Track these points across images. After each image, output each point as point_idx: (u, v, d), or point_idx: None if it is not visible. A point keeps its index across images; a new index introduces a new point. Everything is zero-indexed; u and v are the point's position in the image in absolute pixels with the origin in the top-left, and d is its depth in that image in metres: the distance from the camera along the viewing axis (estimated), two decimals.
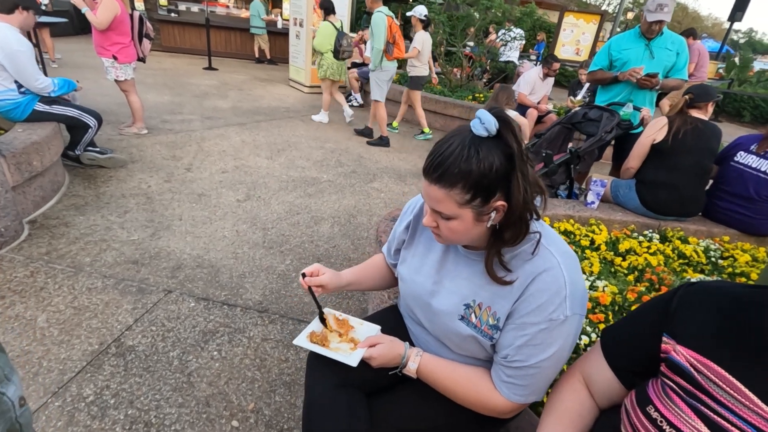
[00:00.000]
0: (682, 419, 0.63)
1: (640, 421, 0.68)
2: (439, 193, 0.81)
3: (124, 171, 3.43)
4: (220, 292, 2.18)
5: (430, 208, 0.87)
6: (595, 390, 0.83)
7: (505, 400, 0.90)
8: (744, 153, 2.50)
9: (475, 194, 0.79)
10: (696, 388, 0.64)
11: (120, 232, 2.59)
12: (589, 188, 2.62)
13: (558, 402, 0.85)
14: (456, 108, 6.10)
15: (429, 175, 0.82)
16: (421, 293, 1.02)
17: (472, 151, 0.77)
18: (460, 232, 0.85)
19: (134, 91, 4.11)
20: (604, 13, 7.35)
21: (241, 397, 1.61)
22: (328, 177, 3.90)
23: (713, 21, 42.85)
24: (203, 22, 8.88)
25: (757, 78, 12.85)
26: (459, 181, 0.78)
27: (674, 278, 2.02)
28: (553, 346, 0.83)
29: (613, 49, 3.13)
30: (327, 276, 1.13)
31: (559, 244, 0.89)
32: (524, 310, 0.85)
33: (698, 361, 0.65)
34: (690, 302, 0.71)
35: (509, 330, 0.87)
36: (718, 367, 0.63)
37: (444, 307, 0.96)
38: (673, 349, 0.69)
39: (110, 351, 1.74)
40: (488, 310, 0.90)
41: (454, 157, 0.78)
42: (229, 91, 7.00)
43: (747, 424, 0.59)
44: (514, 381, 0.88)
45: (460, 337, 0.95)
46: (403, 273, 1.09)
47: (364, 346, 1.01)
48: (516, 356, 0.86)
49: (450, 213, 0.82)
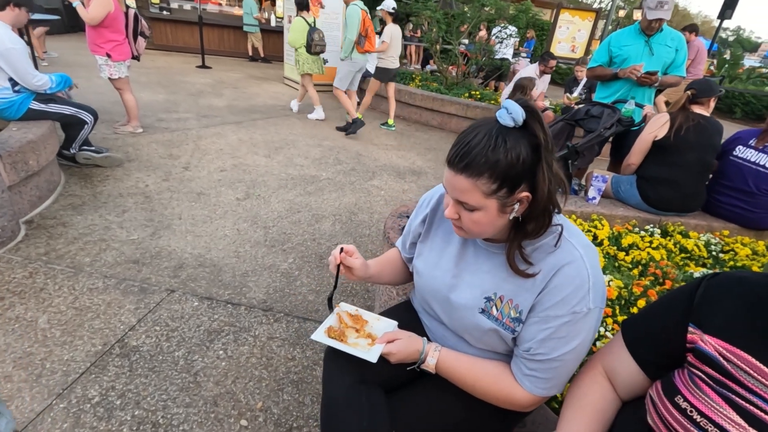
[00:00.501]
0: (713, 408, 0.63)
1: (669, 412, 0.68)
2: (465, 183, 0.79)
3: (120, 170, 3.39)
4: (224, 291, 2.16)
5: (453, 199, 0.85)
6: (618, 382, 0.83)
7: (526, 393, 0.89)
8: (743, 147, 2.52)
9: (501, 185, 0.78)
10: (725, 377, 0.64)
11: (119, 231, 2.56)
12: (590, 184, 2.62)
13: (580, 395, 0.84)
14: (453, 105, 6.10)
15: (455, 165, 0.80)
16: (439, 287, 1.01)
17: (499, 140, 0.76)
18: (483, 224, 0.84)
19: (129, 89, 4.05)
20: (599, 10, 7.39)
21: (249, 396, 1.59)
22: (327, 175, 3.88)
23: (703, 19, 43.34)
24: (196, 19, 8.81)
25: (747, 75, 13.02)
26: (486, 171, 0.77)
27: (678, 272, 2.03)
28: (576, 339, 0.83)
29: (613, 45, 3.14)
30: (359, 261, 1.10)
31: (580, 236, 0.88)
32: (548, 303, 0.84)
33: (727, 350, 0.65)
34: (715, 292, 0.70)
35: (532, 323, 0.87)
36: (748, 356, 0.63)
37: (464, 300, 0.95)
38: (701, 339, 0.69)
39: (114, 351, 1.72)
40: (510, 303, 0.90)
41: (481, 147, 0.76)
42: (224, 89, 6.94)
43: None
44: (537, 374, 0.87)
45: (480, 330, 0.94)
46: (420, 267, 1.08)
47: (382, 341, 1.00)
48: (539, 349, 0.85)
49: (475, 204, 0.81)
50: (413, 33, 12.16)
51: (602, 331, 1.53)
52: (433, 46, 7.12)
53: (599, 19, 7.63)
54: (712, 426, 0.62)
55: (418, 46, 12.03)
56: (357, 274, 1.11)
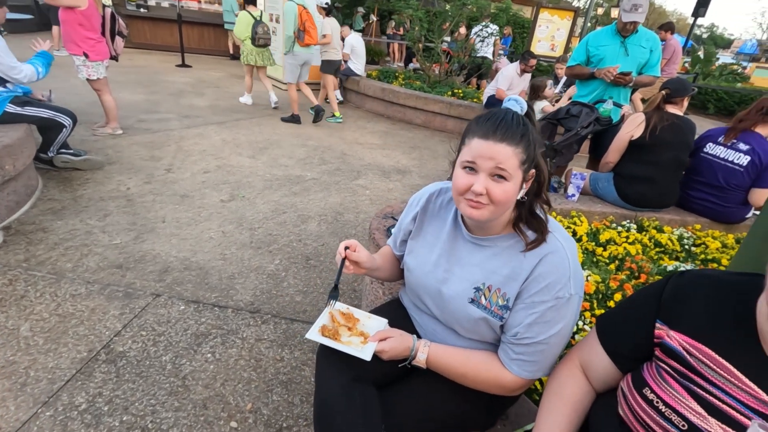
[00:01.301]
0: (677, 399, 0.68)
1: (637, 403, 0.73)
2: (507, 150, 0.86)
3: (101, 173, 3.33)
4: (210, 294, 2.16)
5: (486, 172, 0.88)
6: (592, 375, 0.87)
7: (514, 377, 0.95)
8: (713, 144, 2.63)
9: (527, 157, 0.88)
10: (689, 370, 0.69)
11: (101, 236, 2.52)
12: (570, 181, 2.70)
13: (558, 387, 0.89)
14: (436, 104, 6.15)
15: (494, 135, 0.87)
16: (431, 282, 1.06)
17: (523, 119, 0.90)
18: (510, 195, 0.89)
19: (107, 90, 3.98)
20: (578, 9, 7.53)
21: (239, 398, 1.61)
22: (312, 175, 3.89)
23: (678, 17, 44.42)
24: (175, 17, 8.65)
25: (720, 71, 13.43)
26: (522, 140, 0.87)
27: (652, 266, 2.11)
28: (560, 323, 0.90)
29: (590, 44, 3.23)
30: (364, 254, 1.13)
31: (561, 230, 0.97)
32: (533, 289, 0.91)
33: (691, 345, 0.70)
34: (682, 290, 0.76)
35: (519, 309, 0.93)
36: (710, 350, 0.68)
37: (455, 292, 1.01)
38: (667, 335, 0.74)
39: (100, 358, 1.71)
40: (498, 292, 0.96)
41: (516, 121, 0.88)
42: (205, 88, 6.85)
43: (737, 402, 0.64)
44: (524, 357, 0.93)
45: (471, 320, 0.99)
46: (411, 263, 1.13)
47: (374, 340, 1.03)
48: (526, 333, 0.92)
49: (512, 171, 0.87)
50: (396, 31, 12.19)
51: (581, 325, 1.60)
52: (415, 44, 7.15)
53: (578, 17, 7.78)
54: (675, 415, 0.67)
55: (401, 44, 12.06)
56: (364, 266, 1.14)
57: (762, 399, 0.62)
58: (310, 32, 5.16)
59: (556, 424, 0.83)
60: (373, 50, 11.13)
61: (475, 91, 6.98)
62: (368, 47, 8.42)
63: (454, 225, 1.07)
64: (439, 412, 1.05)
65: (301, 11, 5.01)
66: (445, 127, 6.22)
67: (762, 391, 0.63)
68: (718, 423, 0.63)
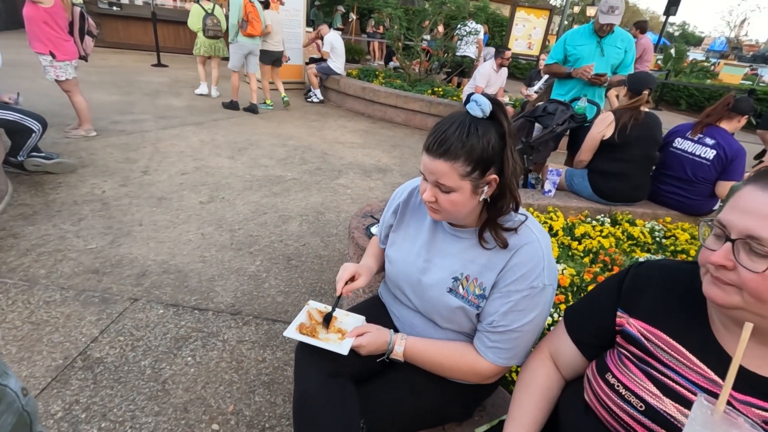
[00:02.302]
0: (635, 382, 0.71)
1: (600, 388, 0.76)
2: (444, 166, 0.88)
3: (74, 176, 3.25)
4: (190, 297, 2.14)
5: (431, 183, 0.93)
6: (561, 363, 0.91)
7: (490, 364, 0.98)
8: (681, 139, 2.73)
9: (474, 167, 0.88)
10: (646, 355, 0.73)
11: (76, 241, 2.47)
12: (546, 177, 2.76)
13: (529, 377, 0.92)
14: (417, 102, 6.19)
15: (434, 151, 0.89)
16: (412, 271, 1.09)
17: (471, 128, 0.88)
18: (459, 204, 0.92)
19: (78, 91, 3.87)
20: (553, 8, 7.67)
21: (220, 401, 1.60)
22: (293, 175, 3.87)
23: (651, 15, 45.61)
24: (149, 15, 8.46)
25: (691, 68, 13.86)
26: (462, 155, 0.87)
27: (625, 258, 2.19)
28: (534, 312, 0.94)
29: (568, 43, 3.30)
30: (363, 279, 1.17)
31: (536, 224, 1.00)
32: (509, 279, 0.95)
33: (648, 331, 0.74)
34: (639, 280, 0.80)
35: (495, 298, 0.97)
36: (664, 335, 0.72)
37: (434, 281, 1.04)
38: (627, 322, 0.78)
39: (76, 365, 1.68)
40: (475, 281, 0.99)
41: (457, 135, 0.87)
42: (182, 88, 6.73)
43: (689, 382, 0.68)
44: (499, 345, 0.97)
45: (449, 309, 1.02)
46: (393, 255, 1.16)
47: (352, 335, 1.05)
48: (501, 321, 0.95)
49: (452, 185, 0.90)
50: (376, 29, 12.18)
51: (555, 317, 1.64)
52: (395, 42, 7.17)
53: (554, 15, 7.93)
54: (634, 397, 0.70)
55: (381, 43, 12.06)
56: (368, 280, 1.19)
57: (711, 378, 0.67)
58: (253, 23, 5.41)
59: (527, 413, 0.87)
60: (353, 49, 11.11)
61: (455, 90, 7.05)
62: (348, 46, 8.41)
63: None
64: (418, 405, 1.07)
65: (246, 2, 5.28)
66: (425, 125, 6.26)
67: (711, 370, 0.67)
68: (672, 403, 0.67)
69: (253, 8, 5.38)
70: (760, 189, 0.60)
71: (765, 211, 0.58)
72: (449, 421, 1.15)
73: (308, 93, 7.15)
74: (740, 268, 0.59)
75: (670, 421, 0.67)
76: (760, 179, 0.61)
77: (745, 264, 0.59)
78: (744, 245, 0.59)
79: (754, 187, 0.61)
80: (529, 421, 0.86)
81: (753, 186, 0.61)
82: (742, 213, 0.60)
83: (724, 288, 0.62)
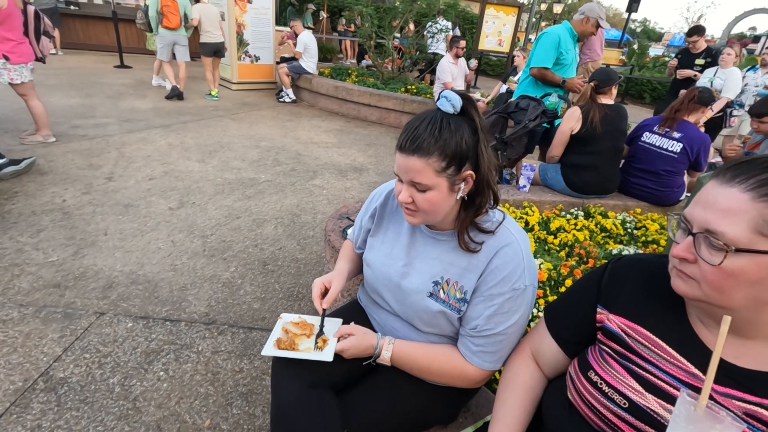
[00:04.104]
0: (618, 379, 0.71)
1: (583, 385, 0.75)
2: (418, 163, 0.86)
3: (32, 185, 3.07)
4: (161, 308, 2.05)
5: (407, 183, 0.90)
6: (543, 362, 0.90)
7: (476, 369, 0.97)
8: (649, 133, 2.81)
9: (449, 162, 0.86)
10: (628, 351, 0.73)
11: (35, 253, 2.33)
12: (521, 173, 2.79)
13: (512, 377, 0.91)
14: (390, 100, 6.17)
15: (407, 149, 0.87)
16: (391, 275, 1.06)
17: (443, 124, 0.86)
18: (436, 203, 0.90)
19: (34, 95, 3.66)
20: (522, 5, 7.79)
21: (195, 416, 1.54)
22: (266, 177, 3.78)
23: (614, 12, 47.07)
24: (110, 15, 8.11)
25: (653, 63, 14.38)
26: (435, 150, 0.85)
27: (599, 250, 2.23)
28: (517, 313, 0.93)
29: (561, 47, 3.18)
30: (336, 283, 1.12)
31: (514, 224, 0.99)
32: (491, 282, 0.93)
33: (628, 327, 0.74)
34: (618, 276, 0.79)
35: (478, 302, 0.95)
36: (645, 330, 0.72)
37: (414, 285, 1.01)
38: (607, 318, 0.77)
39: (38, 387, 1.57)
40: (455, 285, 0.97)
41: (429, 131, 0.86)
42: (147, 90, 6.49)
43: (671, 377, 0.68)
44: (484, 349, 0.95)
45: (429, 314, 1.00)
46: (371, 259, 1.12)
47: (337, 335, 1.03)
48: (486, 325, 0.93)
49: (428, 182, 0.87)
50: (347, 27, 12.09)
51: (535, 312, 1.65)
52: (367, 41, 7.13)
53: (522, 12, 8.05)
54: (617, 395, 0.70)
55: (353, 41, 11.98)
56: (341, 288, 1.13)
57: (691, 372, 0.67)
58: (168, 17, 5.73)
59: (511, 413, 0.85)
60: (325, 47, 10.99)
61: (429, 87, 7.06)
62: (320, 44, 8.30)
63: None
64: (402, 409, 1.05)
65: None
66: (400, 123, 6.25)
67: (691, 364, 0.67)
68: (655, 398, 0.67)
69: (171, 2, 5.69)
70: (719, 184, 0.62)
71: (722, 206, 0.60)
72: (434, 424, 1.13)
73: (280, 93, 7.03)
74: (700, 261, 0.61)
75: (653, 417, 0.66)
76: (720, 174, 0.62)
77: (705, 257, 0.61)
78: (704, 239, 0.61)
79: (714, 182, 0.63)
80: (513, 421, 0.85)
81: (713, 181, 0.63)
82: (702, 207, 0.62)
83: (687, 281, 0.65)
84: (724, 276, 0.59)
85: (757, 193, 0.57)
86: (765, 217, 0.56)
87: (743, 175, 0.59)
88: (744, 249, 0.57)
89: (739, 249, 0.57)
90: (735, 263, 0.58)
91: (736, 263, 0.58)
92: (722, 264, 0.58)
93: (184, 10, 5.89)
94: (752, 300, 0.59)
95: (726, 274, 0.59)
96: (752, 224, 0.57)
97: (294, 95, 7.02)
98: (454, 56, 5.64)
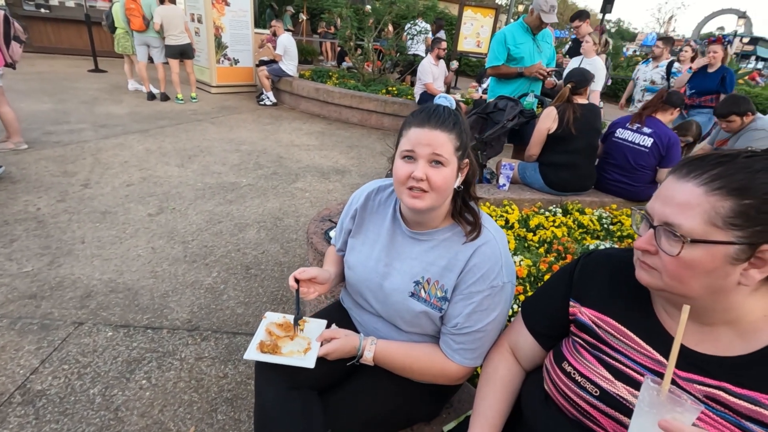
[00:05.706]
0: (589, 368, 0.74)
1: (558, 377, 0.78)
2: (442, 137, 0.91)
3: (3, 193, 2.99)
4: (142, 315, 2.02)
5: (425, 158, 0.91)
6: (521, 355, 0.93)
7: (458, 366, 0.99)
8: (622, 129, 2.90)
9: (460, 146, 0.94)
10: (598, 341, 0.76)
11: (8, 264, 2.26)
12: (500, 172, 2.84)
13: (491, 371, 0.94)
14: (371, 102, 6.19)
15: (430, 122, 0.92)
16: (372, 276, 1.07)
17: (453, 111, 0.95)
18: (448, 181, 0.93)
19: (4, 101, 3.56)
20: (499, 6, 7.91)
21: (180, 423, 1.52)
22: (248, 181, 3.75)
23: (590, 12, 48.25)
24: (82, 17, 7.92)
25: (627, 63, 14.77)
26: (455, 129, 0.93)
27: (577, 246, 2.29)
28: (496, 310, 0.96)
29: (509, 43, 3.36)
30: (314, 270, 1.10)
31: (492, 222, 1.02)
32: (470, 281, 0.95)
33: (599, 319, 0.77)
34: (588, 270, 0.83)
35: (458, 301, 0.97)
36: (614, 321, 0.75)
37: (396, 285, 1.03)
38: (579, 311, 0.80)
39: (14, 400, 1.54)
40: (436, 284, 0.99)
41: (447, 112, 0.94)
42: (123, 95, 6.37)
43: (638, 365, 0.71)
44: (465, 346, 0.97)
45: (412, 313, 1.02)
46: (352, 261, 1.13)
47: (320, 340, 1.03)
48: (466, 323, 0.96)
49: (448, 156, 0.91)
50: (327, 29, 12.06)
51: (515, 308, 1.69)
52: (347, 43, 7.13)
53: (500, 14, 8.18)
54: (589, 384, 0.73)
55: (333, 43, 11.96)
56: (320, 280, 1.11)
57: (656, 359, 0.70)
58: (132, 19, 5.85)
59: (491, 406, 0.88)
60: (305, 49, 10.93)
61: (409, 88, 7.10)
62: (300, 46, 8.27)
63: (393, 221, 1.08)
64: (386, 408, 1.06)
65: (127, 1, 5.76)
66: (381, 124, 6.28)
67: (657, 352, 0.70)
68: (624, 386, 0.70)
69: (134, 4, 5.77)
70: (677, 179, 0.65)
71: (679, 200, 0.63)
72: (417, 421, 1.15)
73: (260, 96, 6.97)
74: (660, 252, 0.65)
75: (623, 404, 0.70)
76: (678, 170, 0.66)
77: (664, 248, 0.64)
78: (664, 231, 0.64)
79: (672, 178, 0.66)
80: (493, 414, 0.87)
81: (672, 176, 0.67)
82: (661, 202, 0.66)
83: (649, 271, 0.68)
84: (682, 266, 0.62)
85: (710, 188, 0.61)
86: (717, 210, 0.60)
87: (697, 171, 0.63)
88: (699, 240, 0.61)
89: (695, 240, 0.61)
90: (691, 254, 0.61)
91: (692, 254, 0.61)
92: (680, 254, 0.62)
93: (150, 11, 5.87)
94: (708, 289, 0.63)
95: (684, 264, 0.62)
96: (706, 216, 0.60)
97: (274, 98, 6.97)
98: (436, 57, 5.68)
